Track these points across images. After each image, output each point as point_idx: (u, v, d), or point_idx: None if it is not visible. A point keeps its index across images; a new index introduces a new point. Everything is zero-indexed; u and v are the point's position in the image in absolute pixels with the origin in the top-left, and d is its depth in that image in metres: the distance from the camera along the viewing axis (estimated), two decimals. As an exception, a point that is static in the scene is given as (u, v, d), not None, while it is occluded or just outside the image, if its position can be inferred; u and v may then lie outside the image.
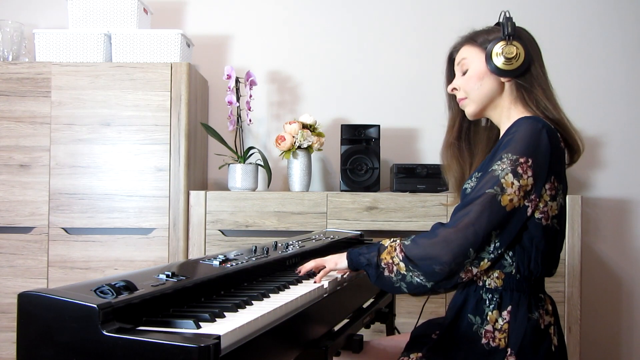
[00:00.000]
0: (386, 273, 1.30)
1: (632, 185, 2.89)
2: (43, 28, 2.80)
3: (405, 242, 1.30)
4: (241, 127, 2.70)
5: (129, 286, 0.95)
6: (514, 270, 1.28)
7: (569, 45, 2.92)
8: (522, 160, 1.23)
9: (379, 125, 2.67)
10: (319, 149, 2.70)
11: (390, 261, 1.29)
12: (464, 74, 1.42)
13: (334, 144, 2.79)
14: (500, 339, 1.26)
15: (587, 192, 2.89)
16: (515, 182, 1.22)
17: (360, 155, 2.64)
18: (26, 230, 2.49)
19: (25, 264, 2.47)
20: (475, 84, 1.39)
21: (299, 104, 2.95)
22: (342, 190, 2.62)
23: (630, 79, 2.91)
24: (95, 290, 0.91)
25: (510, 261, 1.28)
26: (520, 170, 1.23)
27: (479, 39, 1.41)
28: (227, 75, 2.59)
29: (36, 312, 0.87)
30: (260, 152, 2.67)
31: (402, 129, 2.91)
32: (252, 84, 2.66)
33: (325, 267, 1.42)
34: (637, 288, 2.88)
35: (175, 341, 0.81)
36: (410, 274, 1.26)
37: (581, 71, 2.91)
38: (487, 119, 1.51)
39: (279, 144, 2.62)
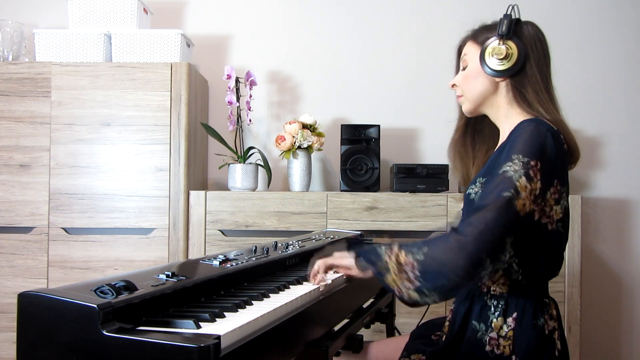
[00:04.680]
0: (396, 292, 1.21)
1: (632, 185, 2.88)
2: (43, 28, 2.80)
3: (418, 259, 1.16)
4: (241, 127, 2.70)
5: (129, 286, 0.95)
6: (520, 277, 1.26)
7: (569, 45, 2.91)
8: (532, 163, 1.18)
9: (379, 125, 2.67)
10: (319, 149, 2.70)
11: (399, 288, 1.19)
12: (464, 70, 1.41)
13: (334, 144, 2.79)
14: (504, 346, 1.24)
15: (587, 192, 2.89)
16: (528, 185, 1.16)
17: (360, 155, 2.63)
18: (26, 230, 2.49)
19: (25, 264, 2.47)
20: (470, 83, 1.38)
21: (299, 104, 2.95)
22: (342, 190, 2.62)
23: (630, 79, 2.90)
24: (95, 290, 0.91)
25: (517, 267, 1.26)
26: (532, 174, 1.17)
27: (481, 36, 1.39)
28: (227, 75, 2.59)
29: (36, 312, 0.87)
30: (260, 152, 2.67)
31: (402, 129, 2.90)
32: (252, 84, 2.66)
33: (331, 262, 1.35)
34: (637, 288, 2.87)
35: (175, 341, 0.81)
36: (424, 297, 1.18)
37: (581, 71, 2.91)
38: None
39: (279, 144, 2.62)
